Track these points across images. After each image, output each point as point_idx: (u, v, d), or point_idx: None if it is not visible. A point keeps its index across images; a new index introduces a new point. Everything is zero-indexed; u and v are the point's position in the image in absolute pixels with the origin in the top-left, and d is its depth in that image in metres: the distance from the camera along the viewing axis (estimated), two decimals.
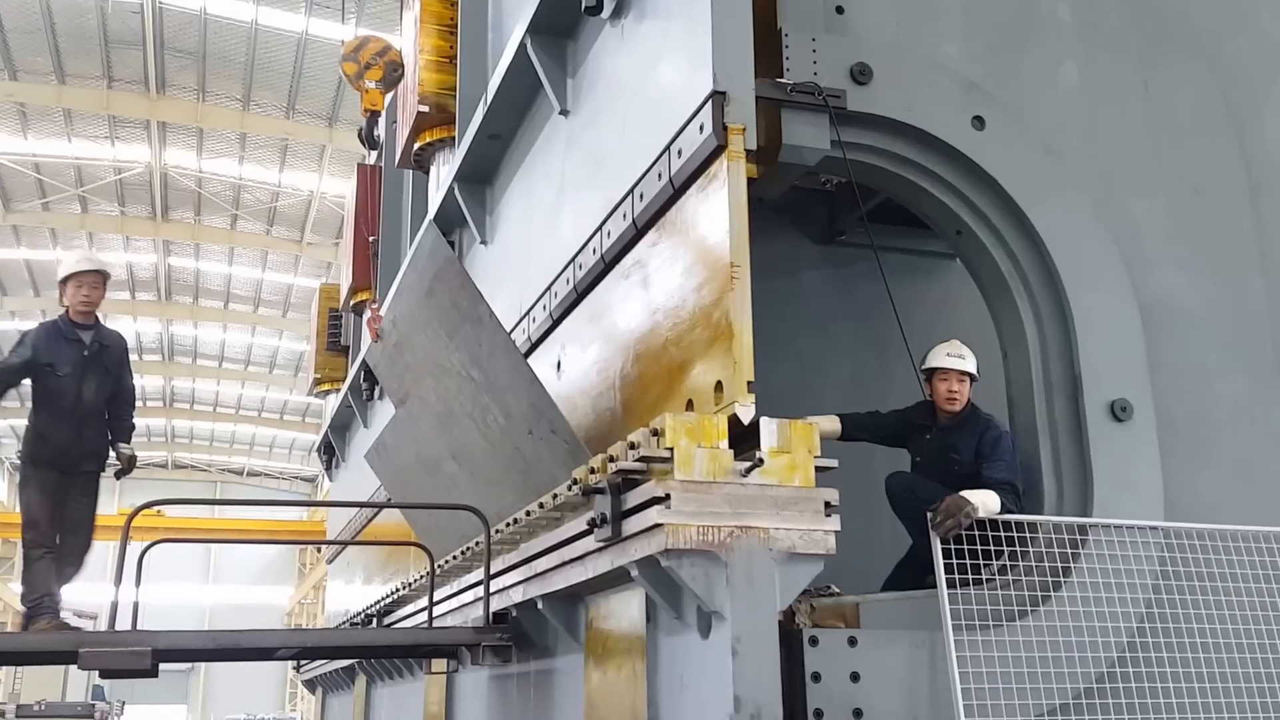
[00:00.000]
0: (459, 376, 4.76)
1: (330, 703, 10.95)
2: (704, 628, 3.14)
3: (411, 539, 6.15)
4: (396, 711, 7.25)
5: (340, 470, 12.31)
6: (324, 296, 12.61)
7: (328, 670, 9.58)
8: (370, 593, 8.50)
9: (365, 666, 7.86)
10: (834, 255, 6.82)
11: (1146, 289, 4.15)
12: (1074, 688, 3.56)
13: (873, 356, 6.14)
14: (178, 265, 39.81)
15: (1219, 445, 4.17)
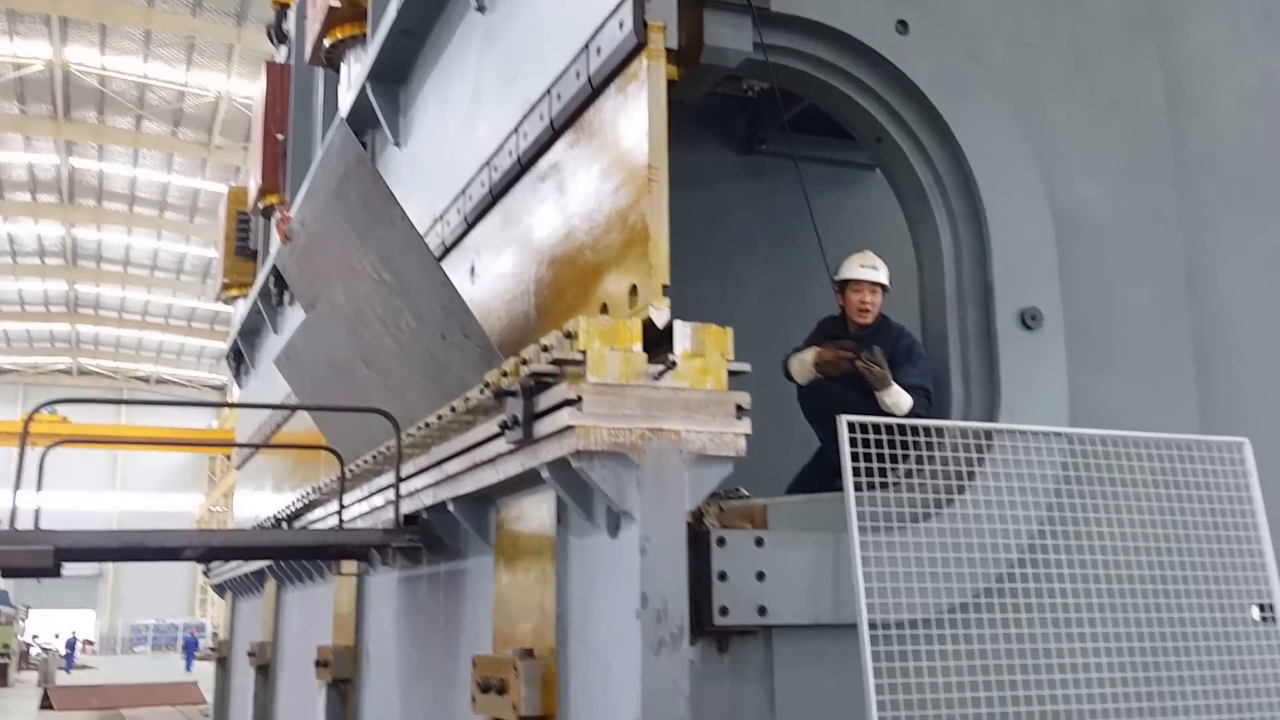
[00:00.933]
0: (370, 279, 4.65)
1: (240, 607, 10.89)
2: (613, 528, 3.15)
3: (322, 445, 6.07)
4: (307, 614, 7.23)
5: (249, 377, 12.09)
6: (232, 200, 12.22)
7: (237, 574, 9.50)
8: (280, 500, 8.40)
9: (275, 570, 7.80)
10: (754, 165, 6.79)
11: (1061, 199, 4.20)
12: (974, 587, 3.67)
13: (791, 268, 6.16)
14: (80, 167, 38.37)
15: (1126, 354, 4.28)
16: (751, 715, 3.52)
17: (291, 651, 7.70)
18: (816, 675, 3.58)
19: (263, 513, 9.54)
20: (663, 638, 2.91)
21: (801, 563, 3.57)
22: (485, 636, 3.85)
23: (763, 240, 6.59)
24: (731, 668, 3.52)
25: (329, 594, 6.25)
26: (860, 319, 4.33)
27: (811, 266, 4.90)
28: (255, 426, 11.07)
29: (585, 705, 3.13)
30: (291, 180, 9.19)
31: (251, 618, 9.76)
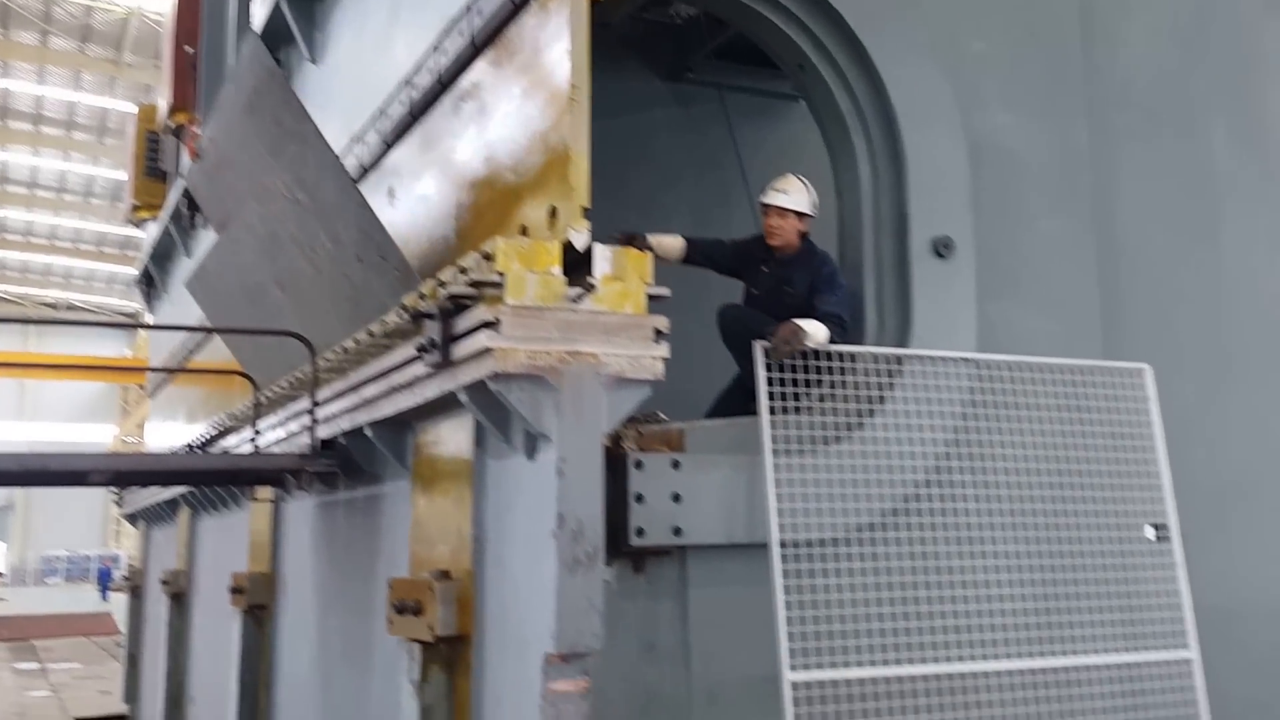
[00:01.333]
0: (284, 199, 4.54)
1: (154, 536, 10.73)
2: (530, 450, 3.17)
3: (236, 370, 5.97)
4: (222, 542, 7.16)
5: (161, 303, 11.79)
6: (142, 118, 11.76)
7: (150, 503, 9.35)
8: (194, 430, 8.26)
9: (189, 498, 7.70)
10: (680, 93, 6.74)
11: (976, 128, 4.26)
12: (882, 507, 3.78)
13: (715, 197, 6.17)
14: None
15: (1034, 282, 4.39)
16: (666, 632, 3.60)
17: (206, 579, 7.63)
18: (729, 593, 3.67)
19: (177, 443, 9.39)
20: (578, 557, 2.94)
21: (716, 485, 3.64)
22: (402, 560, 3.86)
23: (689, 168, 6.58)
24: (647, 586, 3.60)
25: (244, 521, 6.19)
26: (769, 241, 4.36)
27: (736, 194, 4.92)
28: (168, 354, 10.83)
29: (501, 624, 3.16)
30: (203, 98, 8.89)
31: (165, 547, 9.64)
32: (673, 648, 3.60)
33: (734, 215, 5.23)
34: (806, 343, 3.81)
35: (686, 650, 3.60)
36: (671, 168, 6.58)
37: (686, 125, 6.63)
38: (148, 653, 10.20)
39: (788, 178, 4.39)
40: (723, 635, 3.65)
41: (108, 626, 24.01)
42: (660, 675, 3.57)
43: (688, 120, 6.69)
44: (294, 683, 5.16)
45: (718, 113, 4.77)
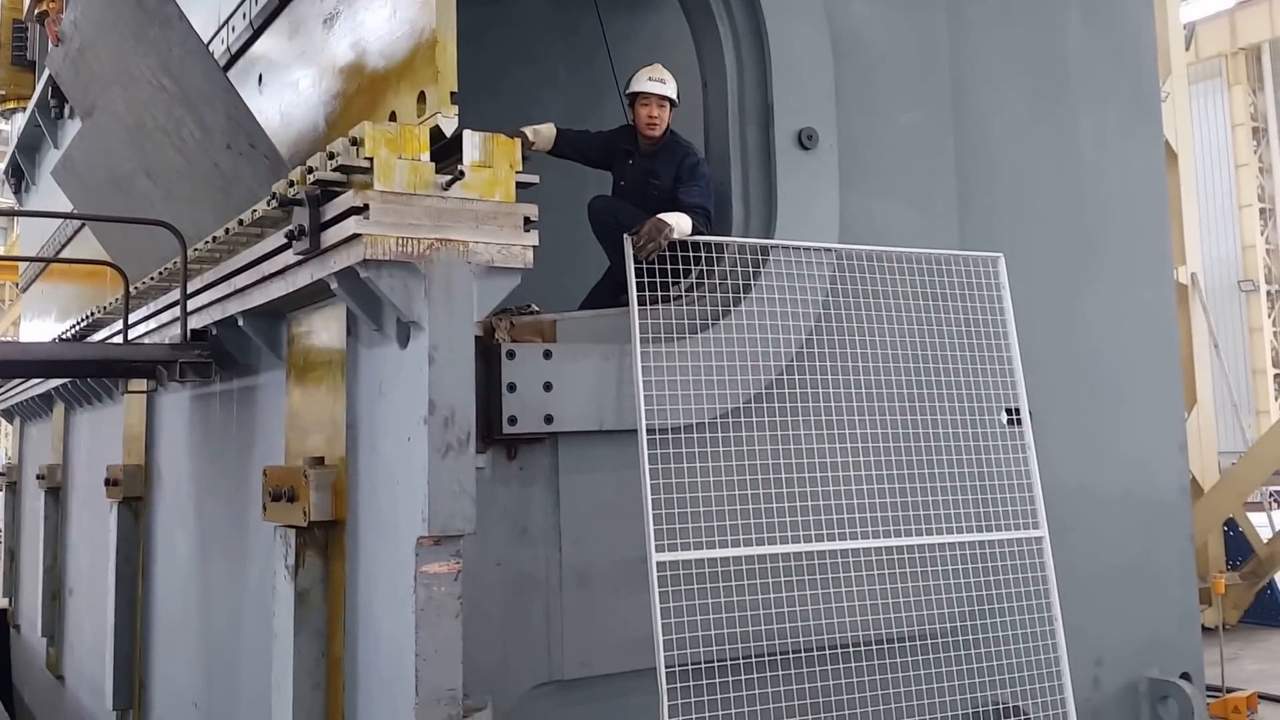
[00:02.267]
0: (150, 86, 4.39)
1: (29, 431, 10.47)
2: (402, 338, 3.18)
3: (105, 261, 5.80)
4: (96, 436, 7.03)
5: (30, 195, 11.29)
6: (7, 6, 11.13)
7: (23, 399, 9.10)
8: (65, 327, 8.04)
9: (62, 392, 7.51)
10: None
11: (837, 19, 4.30)
12: (746, 394, 3.91)
13: (587, 89, 6.12)
14: None
15: (894, 174, 4.50)
16: (538, 516, 3.71)
17: (82, 473, 7.51)
18: (599, 478, 3.79)
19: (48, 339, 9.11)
20: (450, 443, 2.98)
21: (587, 374, 3.73)
22: (278, 450, 3.87)
23: (561, 62, 6.50)
24: (520, 473, 3.69)
25: (118, 415, 6.09)
26: (649, 132, 4.37)
27: (609, 89, 4.91)
28: (38, 249, 10.42)
29: (374, 509, 3.21)
30: None
31: (40, 441, 9.43)
32: (545, 531, 3.71)
33: (606, 110, 5.22)
34: (671, 235, 3.87)
35: (558, 533, 3.72)
36: (545, 63, 6.50)
37: (559, 19, 6.54)
38: (25, 547, 10.04)
39: (660, 67, 4.40)
40: (592, 519, 3.77)
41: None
42: (533, 557, 3.69)
43: (560, 13, 6.60)
44: (171, 573, 5.17)
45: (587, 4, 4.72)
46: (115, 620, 5.51)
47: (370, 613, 3.13)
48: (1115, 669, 4.98)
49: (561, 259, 3.62)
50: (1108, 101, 5.35)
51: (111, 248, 5.82)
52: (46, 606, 8.05)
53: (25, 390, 8.87)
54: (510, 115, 5.99)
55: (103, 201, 5.82)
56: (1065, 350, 5.04)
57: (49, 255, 9.39)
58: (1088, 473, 5.01)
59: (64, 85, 6.03)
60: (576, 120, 6.10)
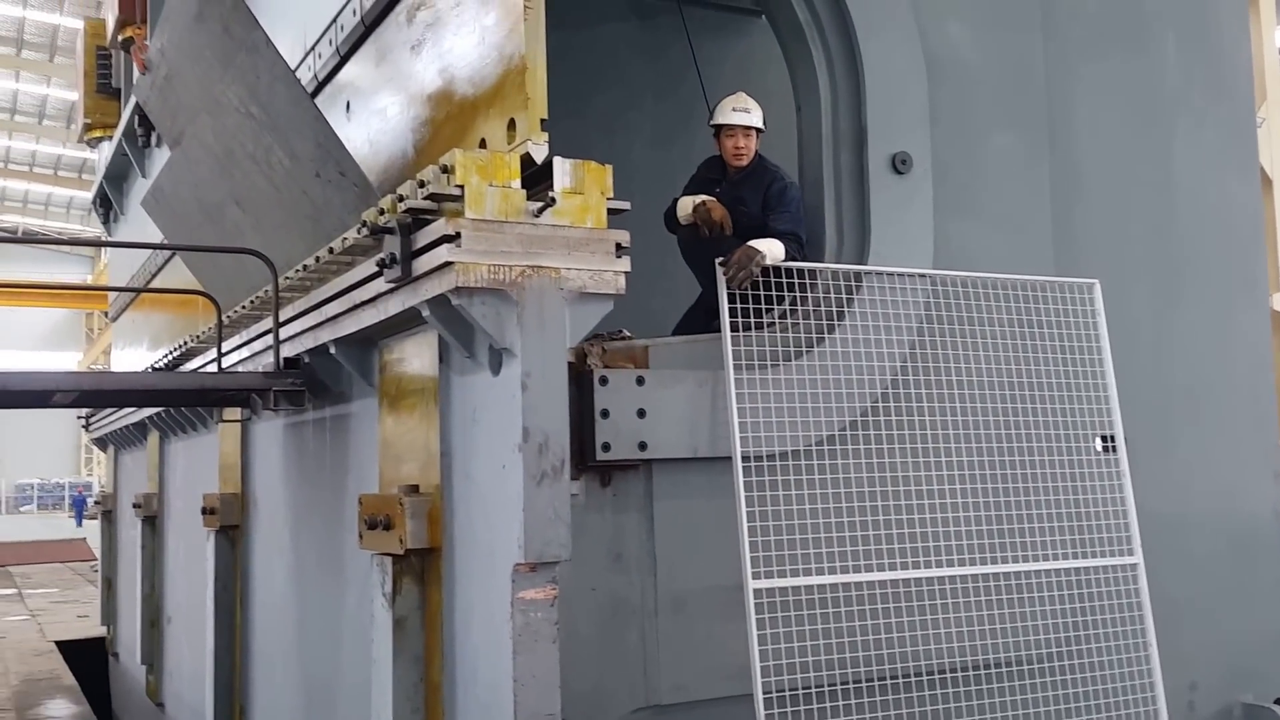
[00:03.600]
0: (238, 113, 4.47)
1: (123, 460, 10.72)
2: (495, 365, 3.19)
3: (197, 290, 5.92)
4: (191, 464, 7.17)
5: (119, 225, 11.60)
6: (90, 33, 11.43)
7: (118, 427, 9.31)
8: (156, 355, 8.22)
9: (157, 421, 7.68)
10: (640, 8, 6.66)
11: (931, 41, 4.25)
12: (841, 421, 3.84)
13: (678, 114, 6.12)
14: None
15: (988, 198, 4.43)
16: (632, 542, 3.69)
17: (178, 502, 7.66)
18: (694, 505, 3.75)
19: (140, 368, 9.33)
20: (544, 470, 2.98)
21: (680, 400, 3.70)
22: (372, 477, 3.90)
23: (649, 86, 6.52)
24: (614, 500, 3.67)
25: (213, 443, 6.20)
26: (735, 162, 4.36)
27: (697, 112, 4.90)
28: (129, 278, 10.70)
29: (470, 536, 3.22)
30: (151, 9, 8.66)
31: (135, 470, 9.63)
32: (639, 558, 3.69)
33: (696, 134, 5.20)
34: (764, 262, 3.84)
35: (653, 560, 3.69)
36: (633, 86, 6.52)
37: (647, 42, 6.55)
38: (123, 576, 10.25)
39: (743, 95, 4.38)
40: (687, 545, 3.74)
41: (83, 552, 24.07)
42: (628, 583, 3.67)
43: (648, 37, 6.62)
44: (269, 600, 5.23)
45: (677, 29, 4.72)
46: (215, 647, 5.59)
47: (467, 639, 3.12)
48: (1209, 695, 4.90)
49: (651, 284, 3.60)
50: (1203, 126, 5.26)
51: (202, 276, 5.94)
52: (145, 634, 8.21)
53: (120, 419, 9.09)
54: (596, 138, 6.03)
55: (193, 231, 5.95)
56: (1159, 376, 4.95)
57: (139, 284, 9.62)
58: (1182, 499, 4.93)
59: (151, 113, 6.19)
60: (664, 144, 6.11)
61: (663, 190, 4.73)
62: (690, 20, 4.89)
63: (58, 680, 10.27)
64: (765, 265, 3.87)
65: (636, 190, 3.56)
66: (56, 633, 13.06)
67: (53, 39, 37.37)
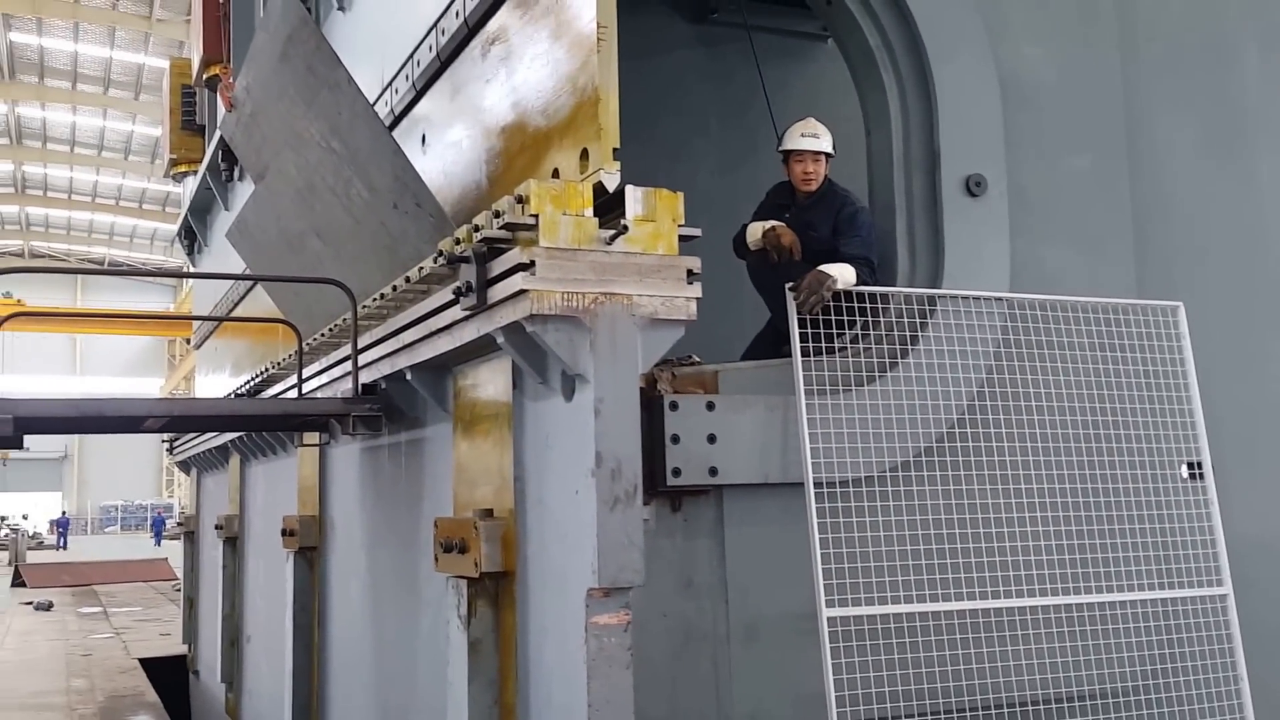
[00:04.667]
0: (319, 148, 4.60)
1: (205, 482, 10.98)
2: (568, 391, 3.22)
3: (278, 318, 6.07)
4: (271, 487, 7.33)
5: (203, 256, 11.95)
6: (175, 72, 11.83)
7: (201, 450, 9.56)
8: (239, 381, 8.43)
9: (238, 445, 7.86)
10: (705, 35, 6.70)
11: (1005, 62, 4.21)
12: (915, 447, 3.80)
13: (743, 140, 6.14)
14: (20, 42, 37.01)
15: (1066, 220, 4.36)
16: (703, 568, 3.68)
17: (258, 523, 7.82)
18: (765, 532, 3.73)
19: (223, 393, 9.57)
20: (617, 495, 2.99)
21: (751, 425, 3.69)
22: (446, 501, 3.95)
23: (715, 113, 6.55)
24: (684, 525, 3.67)
25: (292, 466, 6.33)
26: (805, 188, 4.36)
27: (763, 138, 4.91)
28: (211, 307, 11.00)
29: (543, 560, 3.24)
30: (235, 49, 8.93)
31: (217, 492, 9.86)
32: (711, 584, 3.67)
33: (762, 160, 5.21)
34: (835, 286, 3.83)
35: (724, 586, 3.68)
36: (698, 112, 6.55)
37: (712, 67, 6.59)
38: (204, 595, 10.48)
39: (812, 121, 4.39)
40: (759, 572, 3.71)
41: (164, 572, 24.65)
42: (699, 610, 3.65)
43: (713, 62, 6.65)
44: (346, 620, 5.31)
45: (742, 55, 4.74)
46: (293, 666, 5.70)
47: (541, 662, 3.14)
48: None
49: (718, 310, 3.61)
50: None
51: (283, 305, 6.09)
52: (225, 653, 8.38)
53: (203, 443, 9.32)
54: (662, 165, 6.07)
55: (275, 261, 6.12)
56: (1246, 401, 4.80)
57: (222, 312, 9.89)
58: (1271, 527, 4.74)
59: (237, 149, 6.38)
60: (730, 170, 6.13)
61: (729, 217, 4.74)
62: (756, 46, 4.93)
63: (141, 697, 10.51)
64: (836, 290, 3.85)
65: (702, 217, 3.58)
66: (140, 650, 13.37)
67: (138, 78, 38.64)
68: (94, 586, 22.77)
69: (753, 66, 4.58)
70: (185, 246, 12.56)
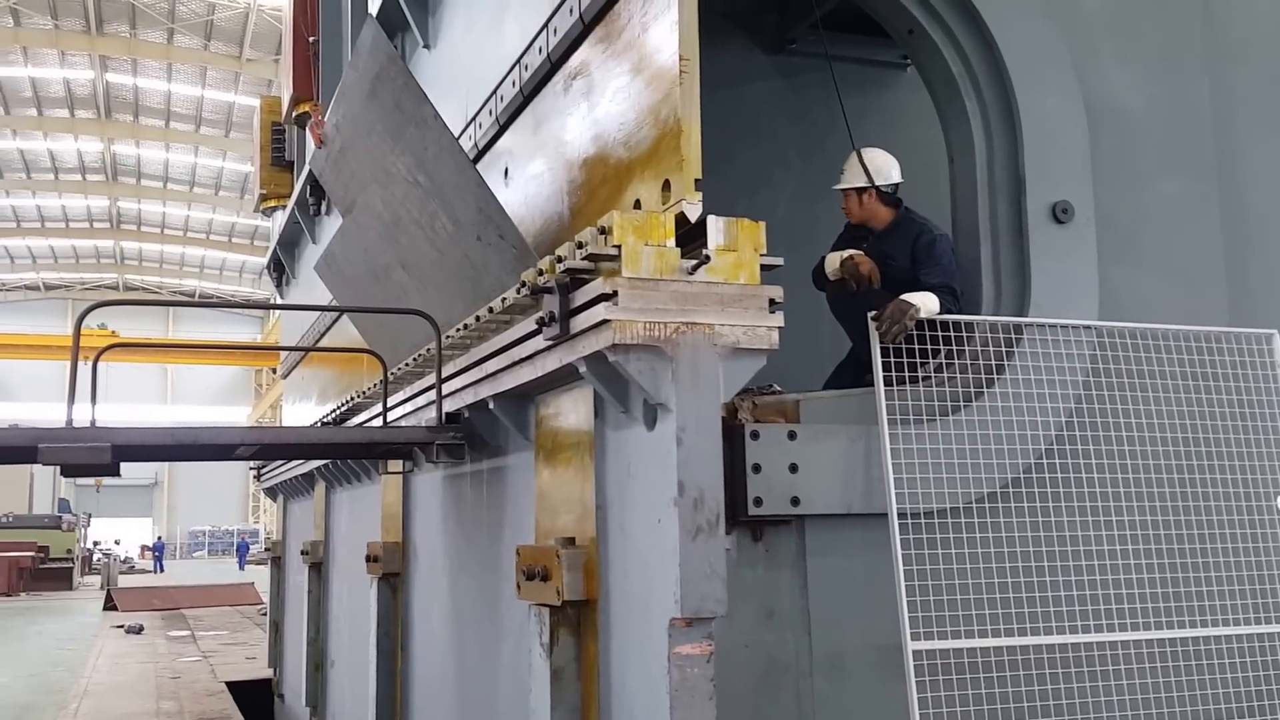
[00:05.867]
0: (405, 182, 4.70)
1: (291, 509, 11.21)
2: (650, 420, 3.23)
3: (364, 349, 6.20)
4: (355, 514, 7.45)
5: (291, 288, 12.24)
6: (266, 110, 12.18)
7: (288, 477, 9.76)
8: (324, 409, 8.60)
9: (324, 472, 8.02)
10: (783, 65, 6.71)
11: (1092, 88, 4.16)
12: (1002, 478, 3.74)
13: (821, 170, 6.12)
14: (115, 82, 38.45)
15: (1155, 246, 4.27)
16: (785, 599, 3.64)
17: (342, 549, 7.95)
18: (848, 563, 3.69)
19: (308, 421, 9.78)
20: (700, 525, 2.98)
21: (833, 455, 3.66)
22: (528, 529, 3.98)
23: (793, 143, 6.55)
24: (766, 555, 3.64)
25: (376, 493, 6.44)
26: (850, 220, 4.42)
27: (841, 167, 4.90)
28: (298, 337, 11.26)
29: (625, 589, 3.24)
30: (323, 87, 9.18)
31: (303, 519, 10.05)
32: (793, 615, 3.64)
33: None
34: (918, 315, 3.80)
35: (806, 618, 3.64)
36: (777, 142, 6.56)
37: (790, 98, 6.60)
38: (290, 620, 10.67)
39: (848, 157, 4.41)
40: (843, 603, 3.67)
41: (250, 596, 25.16)
42: (781, 641, 3.62)
43: (791, 92, 6.66)
44: (428, 646, 5.37)
45: (821, 83, 4.74)
46: (377, 691, 5.76)
47: (624, 692, 3.14)
48: None
49: (797, 339, 3.59)
50: None
51: (369, 335, 6.22)
52: (310, 677, 8.51)
53: (290, 470, 9.53)
54: (741, 195, 6.09)
55: (361, 292, 6.26)
56: None
57: (309, 343, 10.12)
58: None
59: (326, 184, 6.56)
60: (808, 201, 6.12)
61: (808, 247, 4.73)
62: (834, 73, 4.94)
63: None
64: (919, 318, 3.82)
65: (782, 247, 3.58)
66: (226, 673, 13.66)
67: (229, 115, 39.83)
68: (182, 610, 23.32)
69: (831, 96, 4.58)
70: (274, 278, 12.88)
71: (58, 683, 13.84)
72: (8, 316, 58.76)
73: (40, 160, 44.53)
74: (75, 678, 13.95)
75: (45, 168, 45.18)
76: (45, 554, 32.38)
